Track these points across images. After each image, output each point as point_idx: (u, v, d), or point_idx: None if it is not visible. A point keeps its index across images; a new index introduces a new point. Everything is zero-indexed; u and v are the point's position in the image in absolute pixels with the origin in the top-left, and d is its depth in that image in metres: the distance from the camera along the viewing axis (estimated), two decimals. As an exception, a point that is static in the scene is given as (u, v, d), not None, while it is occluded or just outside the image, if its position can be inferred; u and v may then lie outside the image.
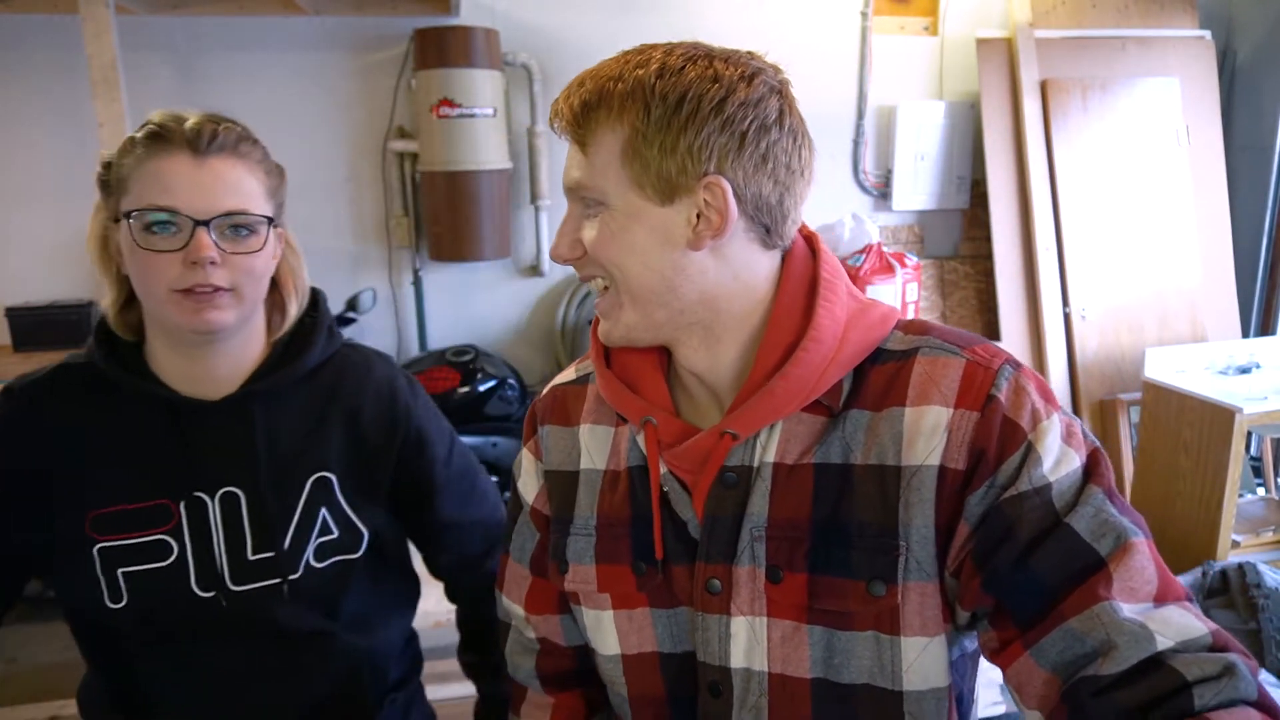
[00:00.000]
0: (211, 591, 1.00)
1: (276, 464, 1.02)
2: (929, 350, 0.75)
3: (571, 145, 0.76)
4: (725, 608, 0.78)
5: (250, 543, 1.01)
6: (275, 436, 1.03)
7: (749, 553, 0.77)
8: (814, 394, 0.75)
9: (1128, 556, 0.66)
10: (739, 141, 0.72)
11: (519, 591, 0.97)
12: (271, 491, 1.02)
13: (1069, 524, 0.68)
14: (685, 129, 0.70)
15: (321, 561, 1.04)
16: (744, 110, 0.71)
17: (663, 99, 0.70)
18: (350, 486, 1.07)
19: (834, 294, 0.77)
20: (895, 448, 0.73)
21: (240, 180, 0.96)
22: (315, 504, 1.04)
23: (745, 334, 0.78)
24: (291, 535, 1.03)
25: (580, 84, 0.74)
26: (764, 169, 0.73)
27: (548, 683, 0.97)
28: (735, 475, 0.77)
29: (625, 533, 0.83)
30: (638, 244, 0.74)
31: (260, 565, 1.01)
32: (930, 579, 0.73)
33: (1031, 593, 0.68)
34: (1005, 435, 0.71)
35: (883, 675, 0.75)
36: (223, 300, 0.95)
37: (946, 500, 0.72)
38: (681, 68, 0.71)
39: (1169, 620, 0.64)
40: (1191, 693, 0.60)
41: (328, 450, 1.06)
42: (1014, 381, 0.72)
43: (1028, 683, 0.68)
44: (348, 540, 1.06)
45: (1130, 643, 0.63)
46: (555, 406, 0.92)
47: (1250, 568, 2.27)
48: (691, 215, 0.73)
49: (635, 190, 0.73)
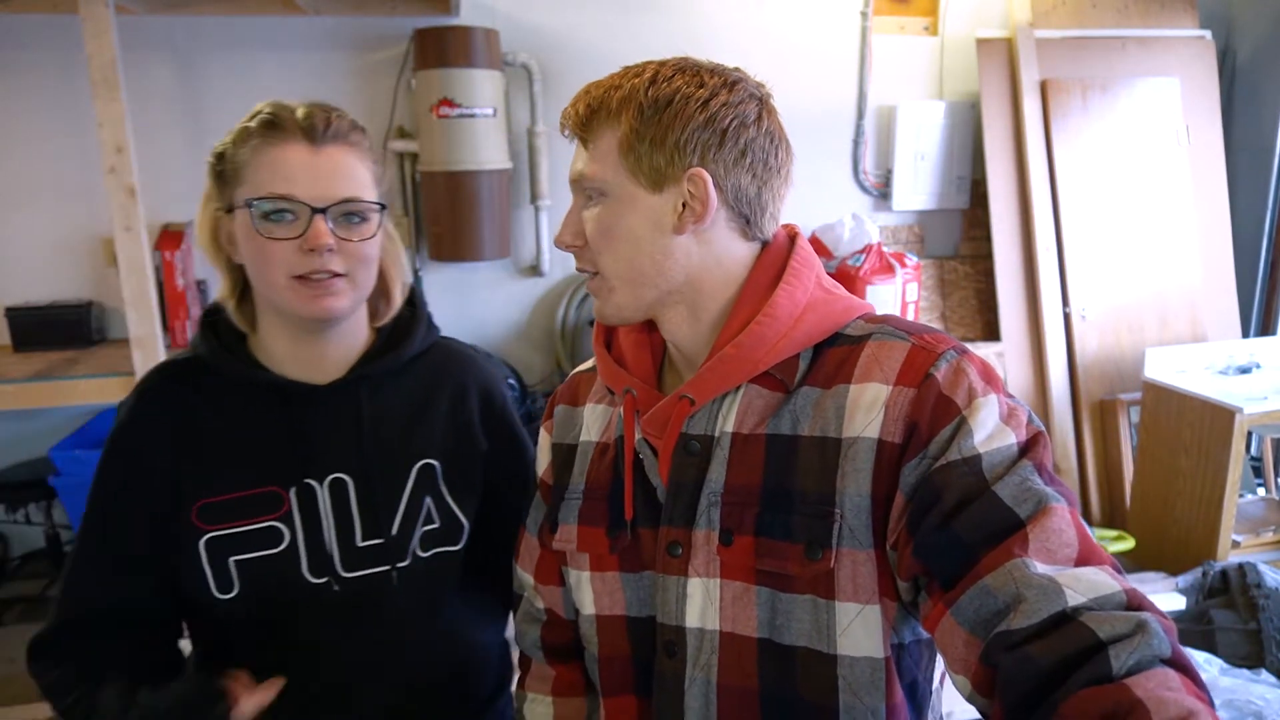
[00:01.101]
0: (324, 577, 1.00)
1: (382, 450, 1.03)
2: (880, 335, 0.81)
3: (577, 144, 0.86)
4: (683, 569, 0.83)
5: (360, 529, 1.01)
6: (381, 422, 1.04)
7: (706, 517, 0.82)
8: (762, 365, 0.81)
9: (1046, 519, 0.68)
10: (719, 137, 0.80)
11: (530, 562, 1.04)
12: (379, 477, 1.03)
13: (994, 490, 0.70)
14: (672, 125, 0.80)
15: (425, 552, 1.05)
16: (725, 110, 0.81)
17: (654, 101, 0.80)
18: (452, 476, 1.08)
19: (797, 280, 0.84)
20: (837, 421, 0.78)
21: (353, 168, 0.98)
22: (421, 491, 1.05)
23: (718, 311, 0.85)
24: (399, 522, 1.03)
25: (586, 92, 0.84)
26: (743, 163, 0.82)
27: (550, 653, 1.04)
28: (698, 444, 0.84)
29: (604, 496, 0.91)
30: (632, 228, 0.82)
31: (370, 551, 1.02)
32: (863, 547, 0.77)
33: (953, 554, 0.70)
34: (939, 410, 0.74)
35: (819, 638, 0.79)
36: (339, 286, 0.96)
37: (884, 472, 0.76)
38: (671, 76, 0.81)
39: (1080, 577, 0.65)
40: (1107, 653, 0.60)
41: (431, 437, 1.07)
42: (954, 363, 0.77)
43: (950, 644, 0.69)
44: (450, 531, 1.07)
45: (1039, 595, 0.64)
46: (570, 389, 1.03)
47: (1250, 568, 2.27)
48: (678, 204, 0.81)
49: (630, 179, 0.81)
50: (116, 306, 2.89)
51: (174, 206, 3.10)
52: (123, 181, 2.40)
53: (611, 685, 0.92)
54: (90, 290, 3.06)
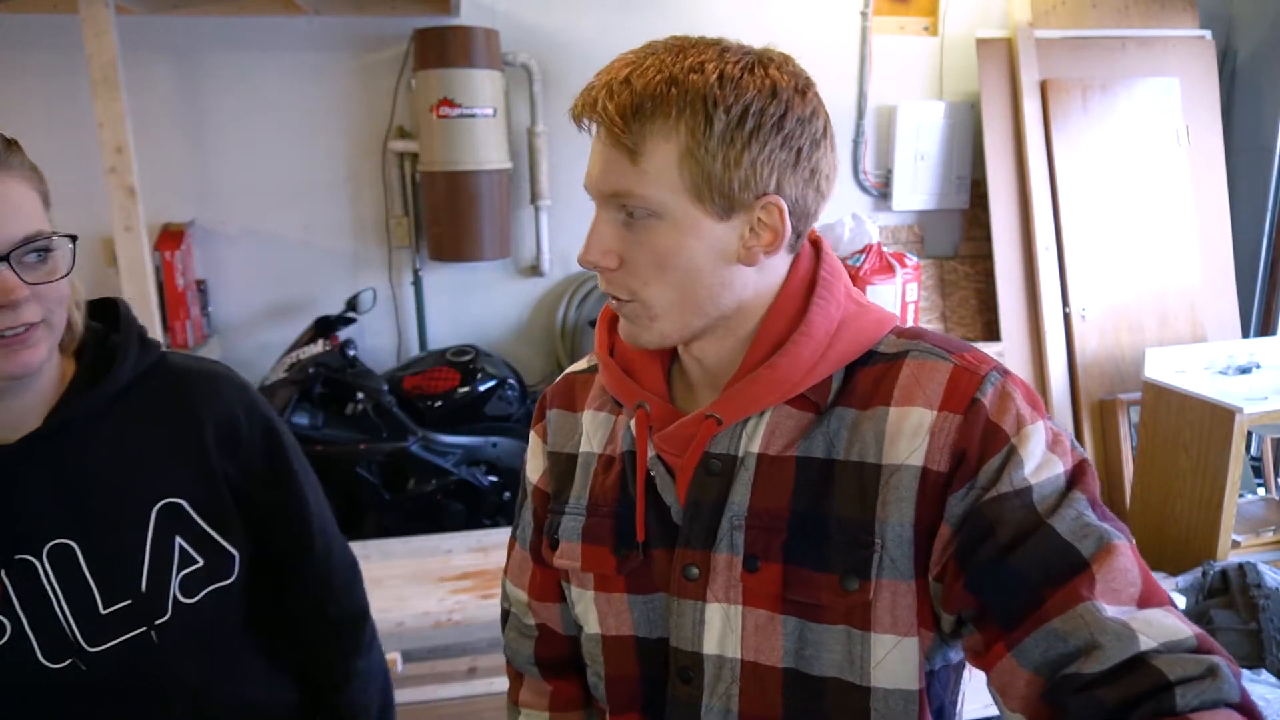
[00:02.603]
0: (66, 659, 0.87)
1: (108, 500, 0.89)
2: (918, 354, 0.76)
3: (608, 148, 0.72)
4: (701, 594, 0.79)
5: (99, 595, 0.88)
6: (100, 469, 0.90)
7: (728, 540, 0.78)
8: (799, 387, 0.76)
9: (1111, 558, 0.66)
10: (795, 157, 0.72)
11: (523, 577, 0.98)
12: (110, 532, 0.89)
13: (1051, 525, 0.68)
14: (750, 144, 0.70)
15: (192, 596, 0.93)
16: (800, 126, 0.72)
17: (726, 110, 0.69)
18: (207, 507, 0.95)
19: (830, 293, 0.79)
20: (877, 446, 0.74)
21: (24, 197, 0.82)
22: (167, 534, 0.92)
23: (749, 326, 0.79)
24: (148, 575, 0.90)
25: (624, 82, 0.71)
26: (811, 183, 0.75)
27: (546, 669, 0.99)
28: (719, 463, 0.79)
29: (611, 514, 0.85)
30: (693, 258, 0.73)
31: (119, 617, 0.89)
32: (904, 578, 0.74)
33: (1013, 592, 0.68)
34: (987, 438, 0.71)
35: (852, 670, 0.76)
36: (36, 336, 0.82)
37: (928, 502, 0.72)
38: (740, 77, 0.70)
39: (1152, 621, 0.64)
40: (1174, 692, 0.60)
41: (170, 473, 0.93)
42: (1000, 387, 0.73)
43: (1010, 684, 0.68)
44: (218, 566, 0.94)
45: (1114, 642, 0.63)
46: (564, 392, 0.95)
47: (1250, 568, 2.27)
48: (744, 230, 0.73)
49: (694, 202, 0.71)
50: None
51: (174, 206, 3.11)
52: (123, 181, 2.40)
53: (618, 704, 0.88)
54: (90, 290, 3.05)
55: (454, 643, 1.52)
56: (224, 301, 3.21)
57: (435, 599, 2.09)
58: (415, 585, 2.17)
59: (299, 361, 2.91)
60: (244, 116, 3.14)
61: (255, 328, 3.26)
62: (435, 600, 2.08)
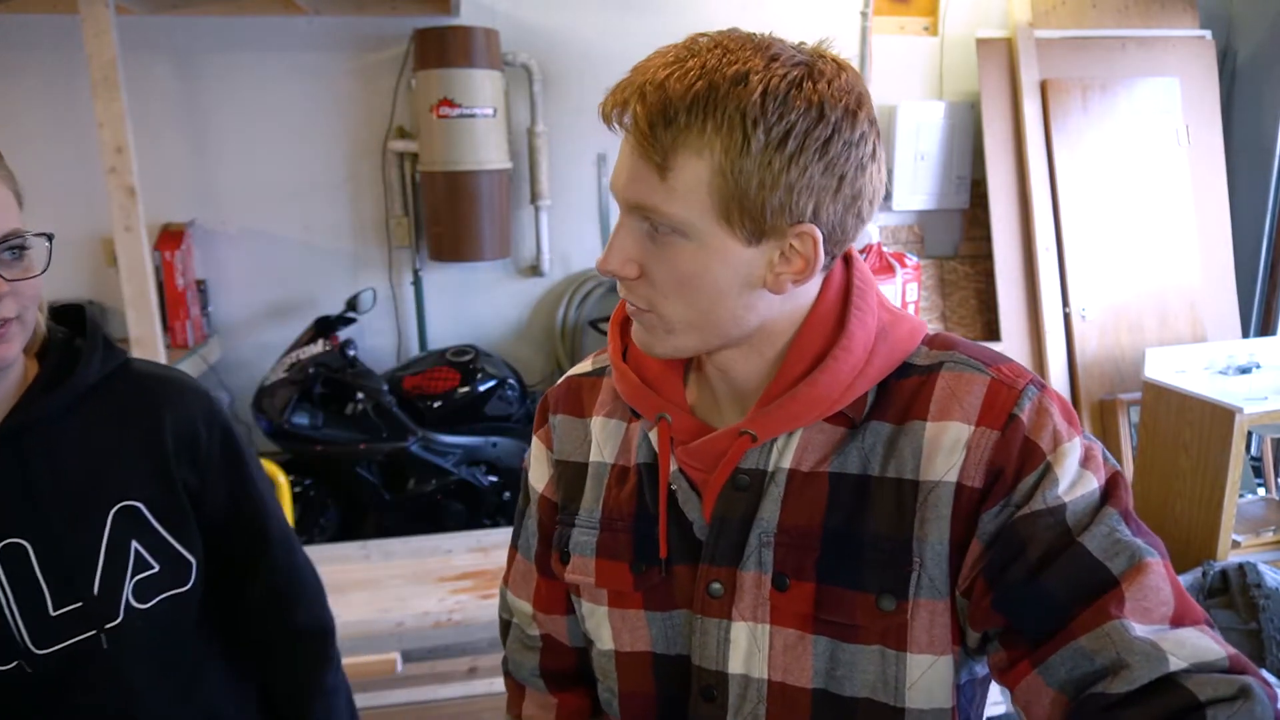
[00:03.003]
0: (12, 661, 0.87)
1: (64, 500, 0.89)
2: (953, 365, 0.75)
3: (636, 158, 0.68)
4: (726, 612, 0.77)
5: (50, 596, 0.88)
6: (58, 469, 0.90)
7: (756, 558, 0.76)
8: (838, 405, 0.74)
9: (1142, 576, 0.65)
10: (837, 184, 0.68)
11: (527, 589, 0.95)
12: (65, 533, 0.89)
13: (1081, 543, 0.67)
14: (789, 167, 0.65)
15: (145, 601, 0.92)
16: (846, 151, 0.68)
17: (766, 131, 0.64)
18: (166, 512, 0.94)
19: (866, 303, 0.76)
20: (914, 462, 0.72)
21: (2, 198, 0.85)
22: (123, 537, 0.91)
23: (777, 344, 0.76)
24: (101, 577, 0.90)
25: (659, 86, 0.66)
26: (852, 209, 0.71)
27: (551, 681, 0.96)
28: (748, 478, 0.76)
29: (628, 529, 0.82)
30: (717, 281, 0.70)
31: (69, 618, 0.88)
32: (941, 597, 0.72)
33: (1041, 610, 0.67)
34: (1024, 455, 0.70)
35: (885, 691, 0.74)
36: (11, 332, 0.84)
37: (962, 518, 0.71)
38: (785, 94, 0.65)
39: (1183, 641, 0.63)
40: (1204, 714, 0.59)
41: (129, 476, 0.93)
42: (1037, 402, 0.72)
43: (1035, 702, 0.67)
44: (175, 572, 0.94)
45: (1142, 662, 0.62)
46: (569, 396, 0.91)
47: (1250, 568, 2.27)
48: (774, 256, 0.69)
49: (723, 225, 0.67)
50: (116, 306, 2.88)
51: (174, 206, 3.11)
52: (123, 181, 2.40)
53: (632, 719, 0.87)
54: (90, 290, 3.06)
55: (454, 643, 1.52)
56: (224, 301, 3.21)
57: (435, 599, 2.09)
58: (415, 585, 2.17)
59: (299, 361, 2.91)
60: (244, 116, 3.14)
61: (255, 328, 3.26)
62: (435, 600, 2.08)
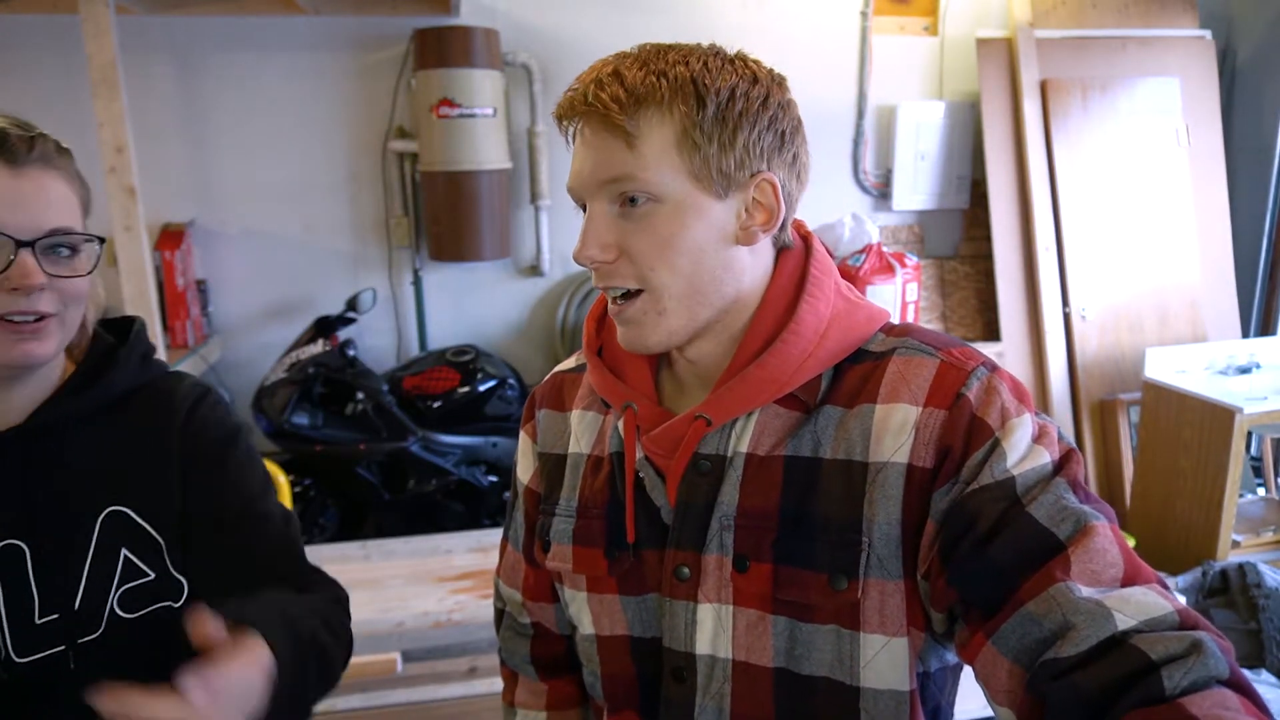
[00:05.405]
0: None
1: (58, 503, 0.87)
2: (905, 350, 0.76)
3: (603, 137, 0.73)
4: (693, 594, 0.79)
5: (39, 603, 0.85)
6: (64, 475, 0.88)
7: (718, 541, 0.78)
8: (788, 386, 0.76)
9: (1088, 539, 0.65)
10: (780, 141, 0.76)
11: (517, 578, 0.99)
12: (58, 539, 0.87)
13: (1029, 512, 0.67)
14: (740, 125, 0.73)
15: (133, 612, 0.89)
16: (781, 110, 0.76)
17: (715, 93, 0.72)
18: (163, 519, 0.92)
19: (820, 290, 0.79)
20: (863, 444, 0.74)
21: (62, 195, 0.85)
22: (111, 544, 0.88)
23: (738, 324, 0.79)
24: (85, 587, 0.87)
25: (613, 74, 0.73)
26: (793, 169, 0.77)
27: (542, 668, 0.99)
28: (709, 463, 0.79)
29: (601, 515, 0.85)
30: (695, 239, 0.74)
31: (47, 630, 0.86)
32: (893, 578, 0.73)
33: (990, 580, 0.67)
34: (972, 433, 0.71)
35: (841, 669, 0.75)
36: (48, 329, 0.83)
37: (914, 499, 0.72)
38: (721, 66, 0.74)
39: (1128, 599, 0.62)
40: (1160, 674, 0.57)
41: (124, 480, 0.90)
42: (986, 382, 0.73)
43: (993, 675, 0.67)
44: (167, 585, 0.90)
45: (1088, 622, 0.61)
46: (552, 392, 0.95)
47: (1250, 568, 2.27)
48: (741, 210, 0.75)
49: (693, 183, 0.73)
50: (116, 306, 2.89)
51: (174, 206, 3.10)
52: (123, 181, 2.41)
53: (615, 703, 0.89)
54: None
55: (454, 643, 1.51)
56: (224, 301, 3.21)
57: (435, 599, 2.09)
58: (415, 585, 2.17)
59: (299, 361, 2.91)
60: (244, 116, 3.14)
61: (255, 328, 3.26)
62: (435, 600, 2.08)
